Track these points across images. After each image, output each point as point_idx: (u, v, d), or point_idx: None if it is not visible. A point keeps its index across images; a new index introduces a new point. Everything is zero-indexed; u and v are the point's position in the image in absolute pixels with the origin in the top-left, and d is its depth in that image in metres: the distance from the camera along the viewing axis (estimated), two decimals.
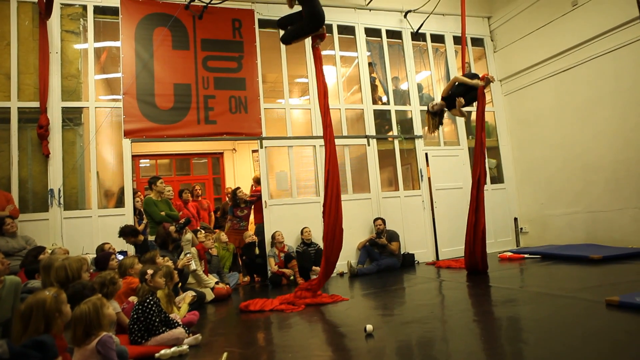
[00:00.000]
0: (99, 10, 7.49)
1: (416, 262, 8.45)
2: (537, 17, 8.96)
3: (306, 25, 5.65)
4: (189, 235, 6.43)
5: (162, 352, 3.48)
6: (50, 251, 5.11)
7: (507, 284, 5.69)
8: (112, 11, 7.52)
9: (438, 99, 7.14)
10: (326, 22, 8.47)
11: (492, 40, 10.19)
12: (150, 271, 3.93)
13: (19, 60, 6.93)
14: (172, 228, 6.19)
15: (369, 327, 3.70)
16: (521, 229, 9.67)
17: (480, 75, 6.87)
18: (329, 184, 5.61)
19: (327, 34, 6.24)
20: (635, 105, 7.32)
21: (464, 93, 6.79)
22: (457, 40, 9.92)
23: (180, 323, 3.89)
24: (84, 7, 7.41)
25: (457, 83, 6.89)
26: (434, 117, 7.06)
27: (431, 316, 4.34)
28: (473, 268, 6.67)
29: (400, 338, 3.68)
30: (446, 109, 7.04)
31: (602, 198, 7.92)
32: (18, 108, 6.84)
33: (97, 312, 2.67)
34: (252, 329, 4.51)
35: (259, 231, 7.95)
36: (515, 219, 9.74)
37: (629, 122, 7.44)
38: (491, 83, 6.89)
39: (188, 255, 5.94)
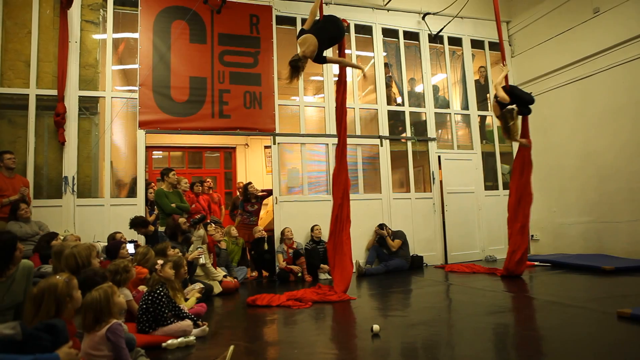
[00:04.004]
0: (118, 2, 7.56)
1: (424, 264, 8.41)
2: (557, 23, 8.86)
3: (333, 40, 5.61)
4: (201, 232, 6.44)
5: (169, 342, 3.51)
6: (62, 238, 5.18)
7: (516, 291, 5.64)
8: (132, 3, 7.59)
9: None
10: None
11: (510, 45, 10.09)
12: (160, 262, 3.96)
13: (39, 48, 7.03)
14: (181, 220, 6.22)
15: (376, 327, 3.69)
16: (532, 236, 9.56)
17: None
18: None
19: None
20: None
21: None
22: (475, 43, 9.88)
23: (189, 314, 3.92)
24: None
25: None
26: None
27: (438, 319, 4.32)
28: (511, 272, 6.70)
29: (406, 340, 3.67)
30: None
31: (616, 208, 7.82)
32: (36, 95, 6.94)
33: (107, 299, 2.69)
34: (258, 324, 4.52)
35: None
36: None
37: None
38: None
39: (199, 249, 5.97)
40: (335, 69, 9.34)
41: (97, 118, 7.35)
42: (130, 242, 5.92)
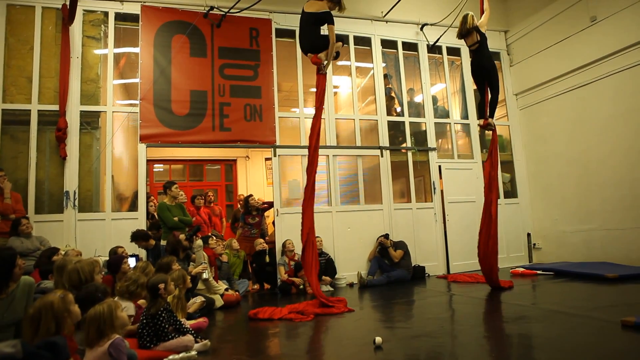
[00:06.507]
0: (119, 17, 7.64)
1: (427, 275, 8.37)
2: (555, 31, 8.91)
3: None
4: (199, 242, 6.45)
5: (171, 357, 3.49)
6: (63, 252, 5.18)
7: (519, 301, 5.60)
8: (133, 18, 7.66)
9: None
10: (343, 33, 8.58)
11: (508, 55, 10.16)
12: (161, 285, 3.86)
13: (41, 64, 7.09)
14: (182, 236, 6.17)
15: (378, 339, 3.66)
16: (534, 244, 9.54)
17: None
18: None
19: (340, 47, 6.37)
20: None
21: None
22: None
23: (191, 329, 3.90)
24: (106, 14, 7.56)
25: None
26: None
27: (441, 330, 4.29)
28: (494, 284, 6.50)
29: (409, 352, 3.64)
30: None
31: (619, 216, 7.79)
32: (38, 111, 6.98)
33: (111, 313, 2.71)
34: (260, 337, 4.50)
35: None
36: (529, 235, 9.62)
37: None
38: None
39: (203, 264, 5.96)
40: (335, 80, 9.44)
41: (99, 132, 7.39)
42: (131, 256, 5.91)
